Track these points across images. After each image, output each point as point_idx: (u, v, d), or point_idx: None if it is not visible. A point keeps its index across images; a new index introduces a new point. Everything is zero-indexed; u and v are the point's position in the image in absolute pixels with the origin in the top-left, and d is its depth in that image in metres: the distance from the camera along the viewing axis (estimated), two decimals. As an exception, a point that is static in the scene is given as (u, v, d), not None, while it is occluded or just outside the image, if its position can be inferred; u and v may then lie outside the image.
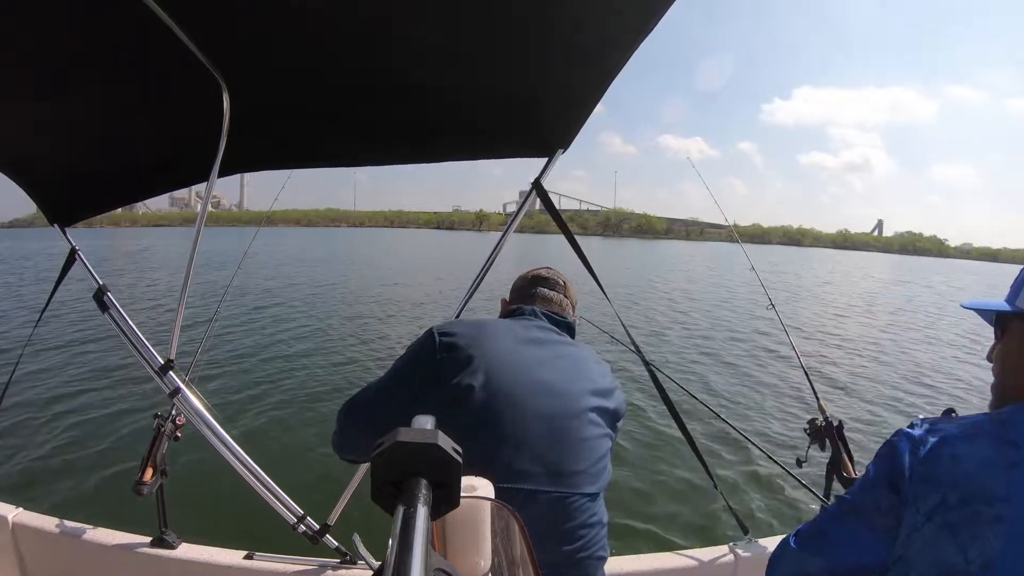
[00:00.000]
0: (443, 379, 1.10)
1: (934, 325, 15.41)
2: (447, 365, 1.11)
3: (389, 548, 0.31)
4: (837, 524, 0.83)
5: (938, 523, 0.70)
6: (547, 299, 1.35)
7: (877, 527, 0.77)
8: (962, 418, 0.78)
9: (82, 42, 1.18)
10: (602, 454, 1.15)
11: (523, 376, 1.10)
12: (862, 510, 0.80)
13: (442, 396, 1.09)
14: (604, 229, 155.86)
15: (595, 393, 1.16)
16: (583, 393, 1.14)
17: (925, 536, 0.71)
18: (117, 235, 65.16)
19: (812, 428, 2.04)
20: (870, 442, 5.62)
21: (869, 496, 0.79)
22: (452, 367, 1.11)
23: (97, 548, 1.89)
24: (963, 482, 0.70)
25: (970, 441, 0.73)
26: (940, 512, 0.70)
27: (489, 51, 1.30)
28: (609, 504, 1.18)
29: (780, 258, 54.63)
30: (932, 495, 0.71)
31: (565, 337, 1.26)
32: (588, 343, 1.38)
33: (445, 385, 1.09)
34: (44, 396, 6.15)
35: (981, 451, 0.71)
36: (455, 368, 1.11)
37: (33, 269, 21.88)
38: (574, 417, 1.11)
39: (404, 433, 0.39)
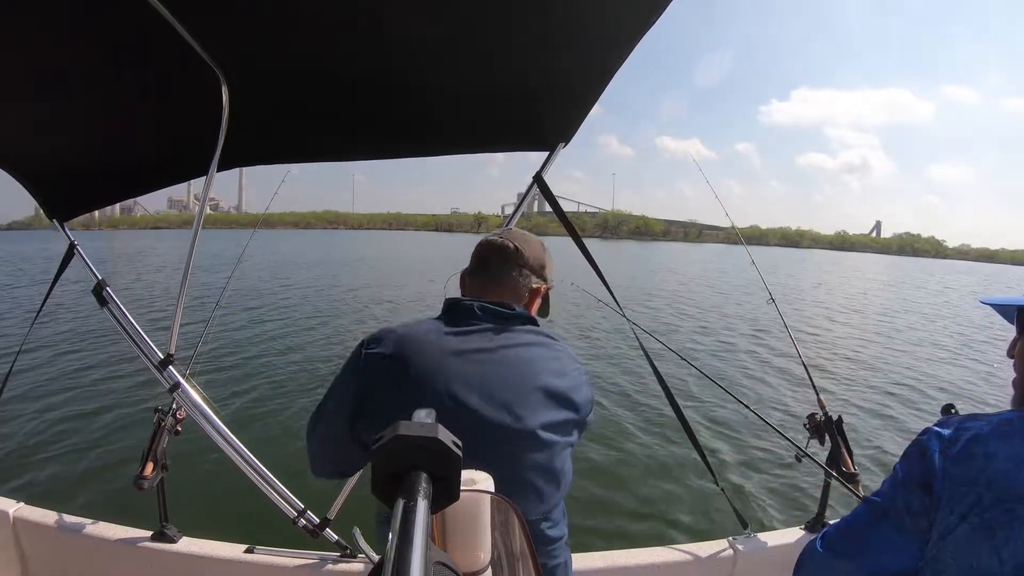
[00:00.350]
0: (369, 399, 1.02)
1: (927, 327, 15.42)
2: (371, 385, 1.02)
3: (389, 541, 0.31)
4: (867, 527, 0.80)
5: (973, 524, 0.67)
6: (495, 282, 1.15)
7: (908, 530, 0.75)
8: (991, 416, 0.75)
9: (82, 36, 1.17)
10: (556, 471, 1.03)
11: (450, 400, 0.98)
12: (892, 512, 0.77)
13: (372, 418, 1.01)
14: (602, 231, 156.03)
15: (547, 402, 1.02)
16: (528, 409, 1.00)
17: (959, 538, 0.68)
18: (116, 237, 64.95)
19: (811, 423, 2.04)
20: (868, 438, 5.64)
21: (900, 498, 0.77)
22: (376, 387, 1.02)
23: (98, 542, 1.89)
24: (998, 481, 0.67)
25: (1004, 439, 0.70)
26: (975, 513, 0.68)
27: (490, 45, 1.29)
28: (609, 499, 1.17)
29: (777, 259, 54.61)
30: (966, 496, 0.69)
31: (512, 335, 1.08)
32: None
33: (372, 405, 1.02)
34: (44, 391, 6.16)
35: (1015, 449, 0.68)
36: (379, 388, 1.02)
37: (31, 271, 21.88)
38: (517, 442, 0.98)
39: (404, 427, 0.39)
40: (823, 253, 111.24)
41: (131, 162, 1.72)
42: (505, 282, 1.15)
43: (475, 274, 1.17)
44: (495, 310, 1.09)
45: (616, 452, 5.04)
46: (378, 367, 1.02)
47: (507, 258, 1.15)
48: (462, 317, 1.09)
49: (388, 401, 1.00)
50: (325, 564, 1.81)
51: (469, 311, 1.09)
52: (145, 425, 1.94)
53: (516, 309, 1.11)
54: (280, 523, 1.82)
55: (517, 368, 1.03)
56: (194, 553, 1.86)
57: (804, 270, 40.21)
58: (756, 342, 10.44)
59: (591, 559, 1.86)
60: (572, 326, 10.93)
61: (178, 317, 1.79)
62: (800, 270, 39.41)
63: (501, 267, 1.15)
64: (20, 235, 75.47)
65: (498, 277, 1.15)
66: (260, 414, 5.55)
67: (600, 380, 7.30)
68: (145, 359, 1.71)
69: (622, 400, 6.49)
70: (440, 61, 1.34)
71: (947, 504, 0.70)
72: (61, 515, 1.96)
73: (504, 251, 1.15)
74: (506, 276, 1.15)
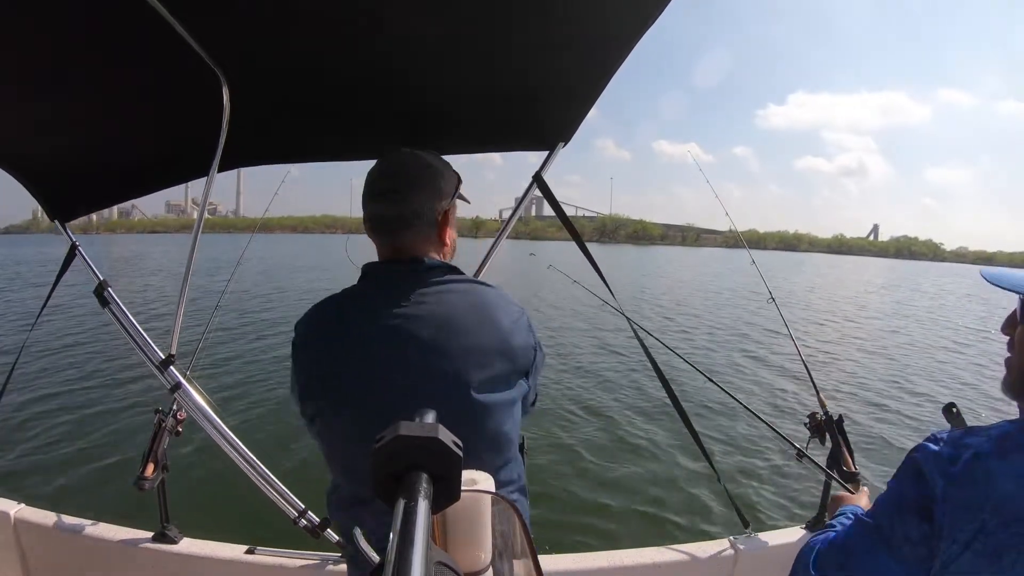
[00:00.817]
0: (305, 399, 1.00)
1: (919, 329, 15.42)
2: (295, 369, 1.01)
3: (390, 542, 0.31)
4: (864, 553, 0.76)
5: (977, 551, 0.64)
6: (386, 233, 1.02)
7: (908, 559, 0.71)
8: (989, 430, 0.70)
9: (82, 37, 1.17)
10: (499, 433, 0.97)
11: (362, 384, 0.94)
12: (892, 542, 0.73)
13: (312, 414, 1.00)
14: (600, 235, 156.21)
15: (474, 363, 0.94)
16: (455, 374, 0.92)
17: (963, 566, 0.65)
18: (113, 241, 64.92)
19: (812, 422, 2.04)
20: (869, 439, 5.63)
21: (898, 527, 0.72)
22: (297, 372, 1.00)
23: (99, 543, 1.89)
24: (1002, 504, 0.63)
25: (1004, 457, 0.65)
26: (979, 540, 0.64)
27: (489, 48, 1.29)
28: (610, 498, 1.17)
29: (773, 264, 54.57)
30: (970, 522, 0.64)
31: (425, 290, 0.97)
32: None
33: (308, 405, 1.00)
34: (45, 392, 6.17)
35: (1017, 467, 0.64)
36: (298, 375, 1.00)
37: (26, 274, 21.94)
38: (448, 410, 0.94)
39: (404, 427, 0.39)
40: (821, 256, 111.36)
41: (132, 162, 1.72)
42: (400, 236, 1.02)
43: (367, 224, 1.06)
44: (397, 268, 1.00)
45: (618, 450, 5.04)
46: (296, 351, 1.01)
47: (393, 201, 1.01)
48: (366, 286, 1.02)
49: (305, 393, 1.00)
50: (326, 565, 1.81)
51: (374, 280, 1.01)
52: (146, 426, 1.94)
53: (422, 256, 1.01)
54: (281, 523, 1.82)
55: (438, 331, 0.94)
56: (195, 554, 1.86)
57: (799, 274, 40.20)
58: (755, 343, 10.44)
59: (592, 559, 1.86)
60: (572, 328, 10.93)
61: (179, 318, 1.79)
62: (795, 274, 39.41)
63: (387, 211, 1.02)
64: (18, 239, 75.43)
65: (389, 229, 1.02)
66: (261, 414, 5.56)
67: (601, 378, 7.31)
68: (146, 359, 1.71)
69: (624, 399, 6.50)
70: (440, 61, 1.34)
71: (949, 532, 0.66)
72: (61, 516, 1.96)
73: (390, 194, 1.02)
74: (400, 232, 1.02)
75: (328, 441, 1.02)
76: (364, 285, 1.02)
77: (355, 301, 1.00)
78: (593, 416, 5.96)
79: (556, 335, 10.33)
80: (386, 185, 1.03)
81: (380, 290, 0.99)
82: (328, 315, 1.01)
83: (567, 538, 3.57)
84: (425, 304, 0.96)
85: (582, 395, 6.67)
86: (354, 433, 0.94)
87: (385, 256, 1.04)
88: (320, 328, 1.00)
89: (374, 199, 1.02)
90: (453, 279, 1.01)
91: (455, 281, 1.01)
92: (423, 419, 0.42)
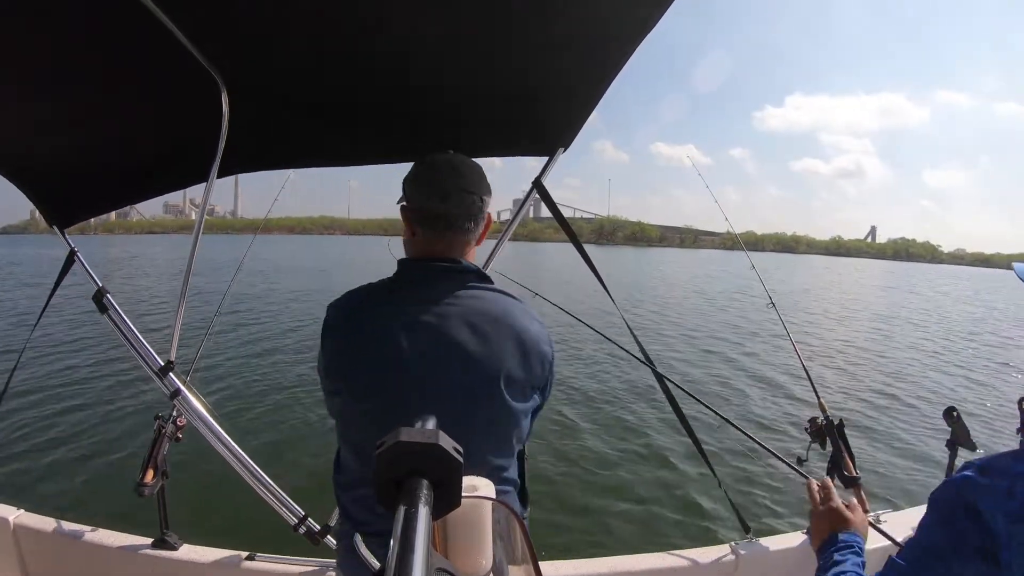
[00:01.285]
0: (329, 379, 1.04)
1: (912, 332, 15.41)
2: (327, 362, 1.04)
3: (390, 548, 0.31)
4: None
5: None
6: (446, 230, 1.03)
7: None
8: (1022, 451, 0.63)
9: (81, 43, 1.18)
10: (507, 438, 1.01)
11: (394, 382, 0.96)
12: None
13: (333, 394, 1.04)
14: (598, 237, 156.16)
15: (498, 371, 0.97)
16: (481, 378, 0.96)
17: None
18: (111, 242, 64.91)
19: (813, 427, 2.04)
20: (869, 442, 5.62)
21: (956, 569, 0.64)
22: (323, 350, 1.03)
23: (98, 549, 1.88)
24: None
25: None
26: None
27: (490, 50, 1.30)
28: (612, 504, 1.17)
29: (769, 266, 54.59)
30: None
31: (456, 297, 0.99)
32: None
33: (332, 385, 1.03)
34: (44, 398, 6.15)
35: None
36: (328, 363, 1.03)
37: (20, 274, 21.97)
38: (467, 416, 0.95)
39: (405, 433, 0.39)
40: (818, 258, 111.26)
41: (131, 168, 1.72)
42: (444, 238, 1.04)
43: (414, 215, 1.06)
44: (438, 264, 1.02)
45: (619, 456, 5.03)
46: (327, 339, 1.03)
47: (452, 198, 1.02)
48: (402, 282, 1.03)
49: (334, 381, 1.02)
50: (326, 571, 1.81)
51: (408, 279, 1.03)
52: (145, 432, 1.94)
53: (463, 262, 1.03)
54: (281, 530, 1.82)
55: (468, 332, 0.96)
56: (195, 560, 1.85)
57: (793, 275, 40.20)
58: (755, 345, 10.43)
59: (593, 564, 1.85)
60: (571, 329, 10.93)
61: (178, 324, 1.78)
62: (790, 275, 39.41)
63: (444, 202, 1.02)
64: (16, 239, 75.35)
65: (440, 228, 1.03)
66: (261, 420, 5.54)
67: (601, 381, 7.30)
68: (145, 366, 1.71)
69: (625, 404, 6.49)
70: (440, 65, 1.34)
71: (1020, 572, 0.59)
72: (61, 522, 1.96)
73: (449, 189, 1.02)
74: (448, 232, 1.04)
75: (345, 420, 1.04)
76: (400, 280, 1.04)
77: (390, 295, 1.03)
78: (593, 422, 5.95)
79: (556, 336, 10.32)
80: (460, 183, 1.03)
81: (415, 288, 1.01)
82: (360, 303, 1.03)
83: (568, 544, 3.56)
84: (458, 306, 0.98)
85: (582, 399, 6.66)
86: (371, 419, 0.98)
87: (425, 252, 1.05)
88: (351, 315, 1.02)
89: (444, 196, 1.02)
90: (486, 286, 1.04)
91: (487, 289, 1.04)
92: (424, 425, 0.42)
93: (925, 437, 5.72)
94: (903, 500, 4.14)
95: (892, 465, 5.00)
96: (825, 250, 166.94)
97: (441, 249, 1.04)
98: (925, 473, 4.81)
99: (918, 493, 4.27)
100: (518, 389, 0.99)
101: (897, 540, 1.86)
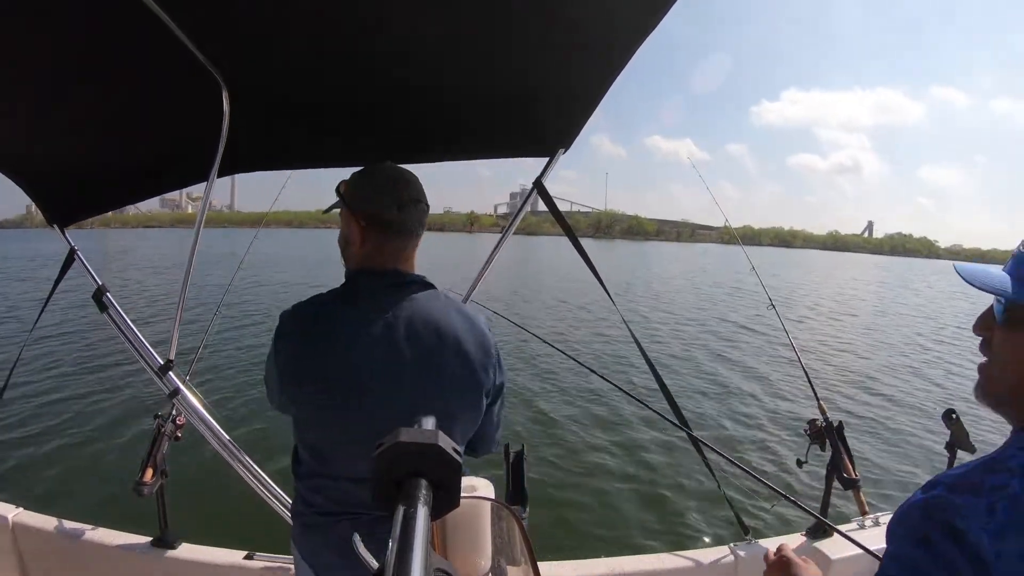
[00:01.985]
0: (283, 384, 1.06)
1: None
2: (282, 367, 1.06)
3: (389, 549, 0.31)
4: None
5: None
6: (404, 239, 1.09)
7: None
8: (1001, 461, 0.60)
9: (82, 43, 1.18)
10: (463, 438, 1.09)
11: (349, 387, 1.01)
12: None
13: (289, 399, 1.07)
14: (595, 231, 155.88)
15: (445, 386, 1.04)
16: (428, 395, 1.02)
17: None
18: (108, 236, 64.85)
19: (812, 429, 2.04)
20: (869, 443, 5.62)
21: None
22: (282, 365, 1.05)
23: (97, 548, 1.89)
24: None
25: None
26: None
27: (490, 51, 1.30)
28: (611, 505, 1.17)
29: (766, 260, 54.53)
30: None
31: (405, 307, 1.04)
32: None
33: (287, 390, 1.06)
34: (43, 397, 6.15)
35: None
36: (284, 367, 1.05)
37: (10, 269, 22.04)
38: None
39: (405, 433, 0.39)
40: (815, 253, 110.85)
41: (131, 168, 1.72)
42: (405, 250, 1.11)
43: (377, 232, 1.10)
44: (397, 276, 1.08)
45: (618, 457, 5.03)
46: (284, 350, 1.06)
47: (411, 213, 1.10)
48: (360, 296, 1.06)
49: (296, 392, 1.05)
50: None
51: (368, 292, 1.06)
52: (145, 431, 1.94)
53: (414, 275, 1.10)
54: (280, 529, 1.81)
55: (426, 351, 1.02)
56: (194, 559, 1.86)
57: (788, 271, 40.10)
58: (755, 347, 10.43)
59: (592, 566, 1.85)
60: (571, 328, 10.94)
61: (178, 322, 1.79)
62: (785, 271, 39.32)
63: (408, 219, 1.09)
64: (11, 234, 75.08)
65: (405, 242, 1.11)
66: (260, 419, 5.54)
67: (599, 383, 7.29)
68: (145, 365, 1.71)
69: (623, 404, 6.49)
70: (441, 65, 1.34)
71: None
72: (60, 521, 1.96)
73: (415, 204, 1.10)
74: (408, 242, 1.11)
75: (301, 422, 1.09)
76: (352, 291, 1.08)
77: (344, 305, 1.06)
78: (592, 423, 5.95)
79: (554, 337, 10.33)
80: (415, 194, 1.09)
81: (370, 298, 1.05)
82: (316, 312, 1.06)
83: (567, 545, 3.56)
84: (406, 316, 1.03)
85: (580, 400, 6.66)
86: (326, 421, 1.04)
87: (374, 259, 1.08)
88: (305, 322, 1.05)
89: (402, 205, 1.07)
90: (434, 292, 1.10)
91: (436, 295, 1.09)
92: (423, 425, 0.42)
93: (924, 439, 5.73)
94: (902, 502, 4.13)
95: (891, 467, 5.00)
96: (822, 245, 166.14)
97: (391, 255, 1.08)
98: (925, 475, 4.81)
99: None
100: (464, 396, 1.06)
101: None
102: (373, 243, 1.07)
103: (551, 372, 7.73)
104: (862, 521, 2.00)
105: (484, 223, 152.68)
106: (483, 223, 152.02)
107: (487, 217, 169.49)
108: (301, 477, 1.12)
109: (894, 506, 0.69)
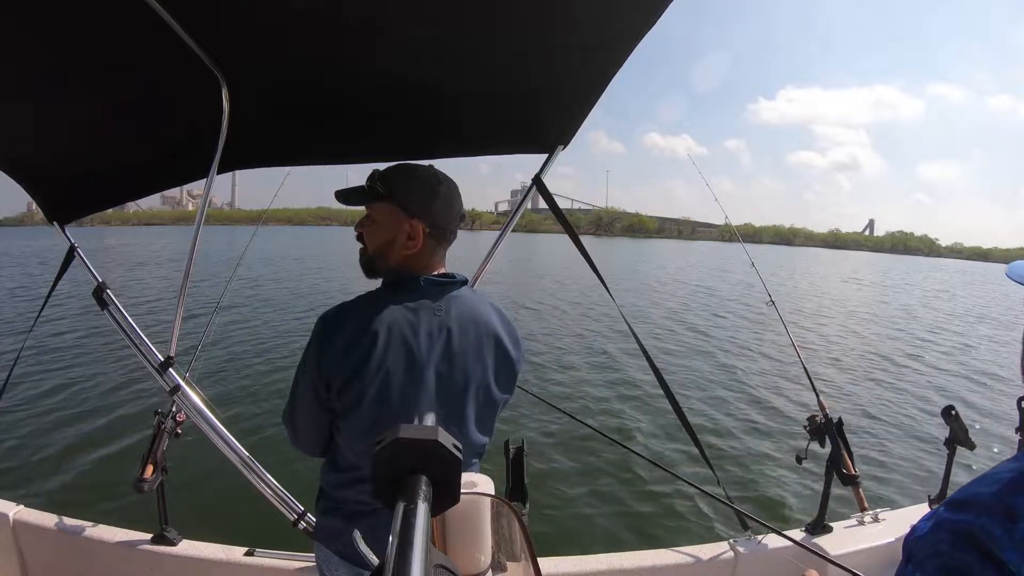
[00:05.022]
0: (332, 388, 1.04)
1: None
2: (331, 363, 1.03)
3: (389, 545, 0.31)
4: None
5: None
6: (441, 246, 1.15)
7: None
8: (1018, 466, 0.57)
9: (82, 40, 1.18)
10: (492, 423, 1.18)
11: (412, 388, 1.04)
12: None
13: (338, 404, 1.05)
14: (596, 228, 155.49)
15: (490, 377, 1.13)
16: (476, 386, 1.11)
17: None
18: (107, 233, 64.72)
19: (812, 425, 2.04)
20: (869, 441, 5.63)
21: None
22: (336, 367, 1.03)
23: (98, 545, 1.89)
24: None
25: None
26: None
27: (490, 49, 1.29)
28: (610, 500, 1.18)
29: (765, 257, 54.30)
30: None
31: (454, 306, 1.11)
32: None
33: (336, 393, 1.04)
34: (44, 393, 6.15)
35: None
36: (342, 376, 1.03)
37: (9, 263, 22.09)
38: (462, 420, 1.10)
39: (404, 430, 0.39)
40: (815, 251, 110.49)
41: (131, 165, 1.72)
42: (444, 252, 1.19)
43: (437, 234, 1.15)
44: (441, 281, 1.12)
45: (617, 453, 5.03)
46: (338, 352, 1.03)
47: (453, 223, 1.17)
48: (409, 296, 1.09)
49: (350, 394, 1.04)
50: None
51: (415, 289, 1.09)
52: (145, 427, 1.94)
53: (457, 276, 1.15)
54: (280, 525, 1.82)
55: (467, 344, 1.10)
56: (194, 556, 1.86)
57: (784, 269, 40.03)
58: (753, 343, 10.43)
59: (592, 561, 1.86)
60: (570, 327, 10.93)
61: (178, 319, 1.78)
62: (781, 269, 39.26)
63: (452, 225, 1.16)
64: (11, 232, 74.95)
65: (450, 242, 1.18)
66: (260, 416, 5.54)
67: (599, 379, 7.31)
68: (145, 361, 1.71)
69: (624, 400, 6.49)
70: (440, 63, 1.34)
71: None
72: (61, 518, 1.96)
73: (458, 213, 1.17)
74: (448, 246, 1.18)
75: (354, 417, 1.07)
76: (405, 286, 1.10)
77: (398, 300, 1.08)
78: (592, 419, 5.95)
79: (554, 337, 10.34)
80: (462, 205, 1.18)
81: (428, 295, 1.10)
82: (368, 310, 1.06)
83: (567, 540, 3.57)
84: (456, 315, 1.10)
85: (580, 398, 6.67)
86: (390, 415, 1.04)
87: (427, 261, 1.13)
88: (360, 320, 1.05)
89: (462, 218, 1.17)
90: (472, 290, 1.18)
91: (475, 293, 1.18)
92: (423, 421, 0.42)
93: (924, 436, 5.74)
94: (901, 498, 4.15)
95: (890, 463, 5.01)
96: (823, 243, 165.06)
97: (440, 258, 1.16)
98: (923, 472, 4.83)
99: (916, 492, 4.28)
100: (503, 385, 1.16)
101: (895, 539, 1.87)
102: (429, 247, 1.12)
103: (551, 369, 7.74)
104: (861, 517, 2.01)
105: (484, 220, 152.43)
106: (483, 220, 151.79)
107: (488, 215, 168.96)
108: (343, 470, 1.13)
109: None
